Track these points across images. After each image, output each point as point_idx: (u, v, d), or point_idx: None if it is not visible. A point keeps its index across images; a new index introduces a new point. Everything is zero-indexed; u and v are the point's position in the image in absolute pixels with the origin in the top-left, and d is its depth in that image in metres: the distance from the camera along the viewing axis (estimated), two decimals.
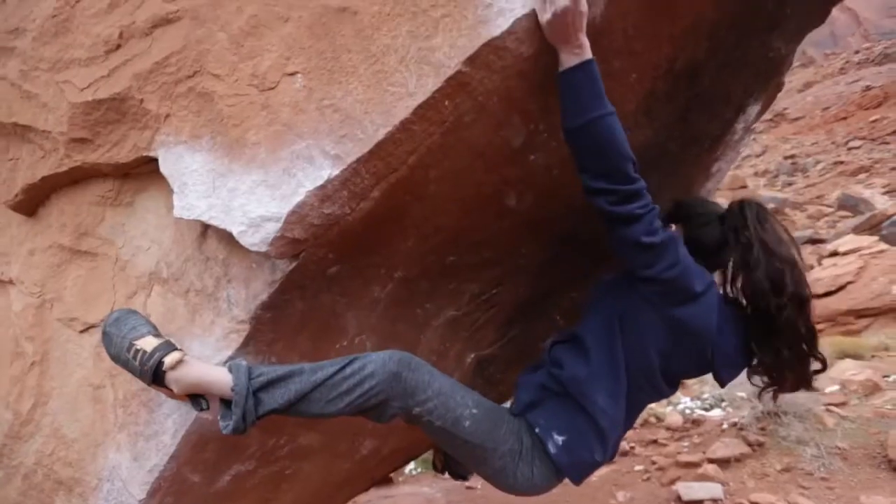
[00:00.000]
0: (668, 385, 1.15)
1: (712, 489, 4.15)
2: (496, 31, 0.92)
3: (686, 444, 5.17)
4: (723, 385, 1.22)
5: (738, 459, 4.48)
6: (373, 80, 0.97)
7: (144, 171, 1.19)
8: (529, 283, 1.55)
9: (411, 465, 5.75)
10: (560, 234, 1.45)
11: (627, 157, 0.97)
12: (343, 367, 0.99)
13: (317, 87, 1.00)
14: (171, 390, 0.99)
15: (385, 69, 0.97)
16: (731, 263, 1.15)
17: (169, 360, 0.97)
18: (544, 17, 0.90)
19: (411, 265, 1.27)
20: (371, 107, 0.96)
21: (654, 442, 5.41)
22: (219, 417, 0.99)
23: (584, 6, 0.89)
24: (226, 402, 0.97)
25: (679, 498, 4.23)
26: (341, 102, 0.98)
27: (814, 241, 11.07)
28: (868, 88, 22.11)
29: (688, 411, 5.94)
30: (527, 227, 1.36)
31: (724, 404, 5.75)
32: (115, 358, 1.01)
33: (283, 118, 1.00)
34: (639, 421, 6.28)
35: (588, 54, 0.93)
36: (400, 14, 0.97)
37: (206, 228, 1.12)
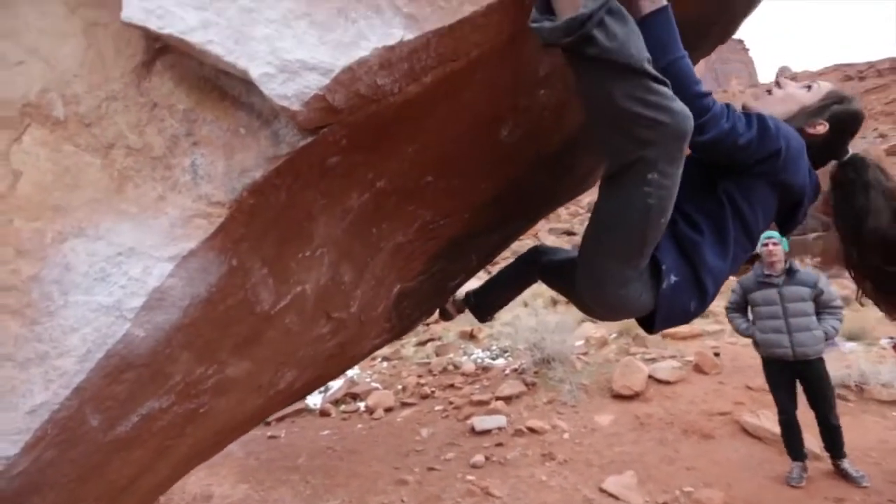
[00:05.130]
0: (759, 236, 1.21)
1: (498, 420, 5.05)
2: None
3: (478, 386, 6.07)
4: (802, 220, 1.25)
5: (518, 396, 5.55)
6: None
7: None
8: (468, 220, 1.55)
9: None
10: (513, 177, 1.49)
11: (701, 89, 0.98)
12: (664, 83, 0.84)
13: None
14: None
15: None
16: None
17: None
18: None
19: (396, 176, 1.12)
20: None
21: (452, 386, 6.17)
22: (534, 9, 0.81)
23: None
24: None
25: (473, 429, 4.99)
26: None
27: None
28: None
29: (479, 360, 6.94)
30: (498, 163, 1.35)
31: (506, 354, 6.93)
32: None
33: None
34: (437, 369, 7.01)
35: (664, 0, 0.96)
36: None
37: (154, 57, 0.75)
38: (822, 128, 1.18)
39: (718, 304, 8.68)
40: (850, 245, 1.20)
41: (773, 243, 3.37)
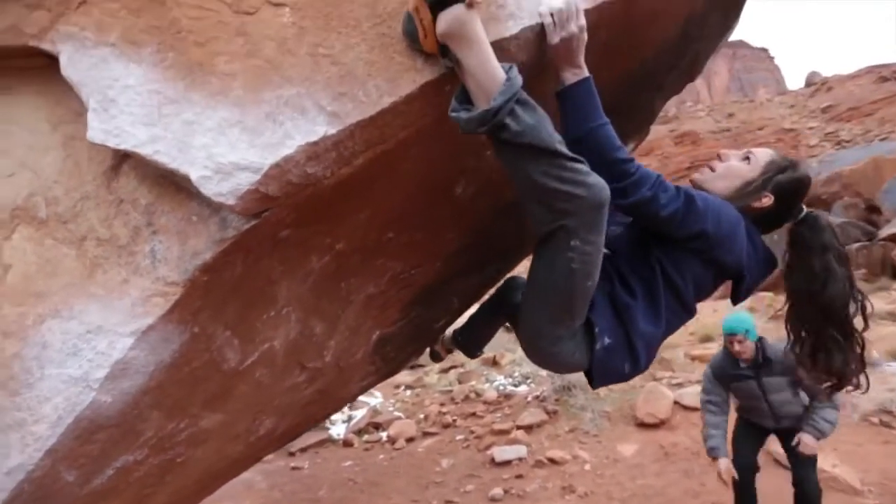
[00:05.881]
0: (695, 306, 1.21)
1: (519, 450, 4.99)
2: (506, 33, 0.97)
3: (499, 415, 6.02)
4: (747, 296, 1.26)
5: (539, 425, 5.48)
6: (377, 42, 0.91)
7: (19, 66, 0.86)
8: (440, 267, 1.63)
9: None
10: (477, 227, 1.57)
11: (623, 155, 1.03)
12: (575, 160, 0.90)
13: (310, 28, 0.89)
14: (431, 25, 0.83)
15: (391, 34, 0.92)
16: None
17: None
18: (554, 39, 0.98)
19: (354, 238, 1.22)
20: (375, 71, 0.90)
21: (473, 414, 6.15)
22: (454, 99, 0.89)
23: (585, 35, 1.01)
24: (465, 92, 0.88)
25: (493, 460, 4.95)
26: (341, 56, 0.89)
27: None
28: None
29: (501, 387, 6.89)
30: (458, 216, 1.44)
31: (528, 381, 6.85)
32: None
33: (266, 53, 0.86)
34: (460, 397, 6.99)
35: (586, 73, 1.03)
36: None
37: (119, 163, 0.88)
38: (767, 200, 1.18)
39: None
40: (798, 303, 1.21)
41: (737, 342, 2.66)
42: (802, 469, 2.74)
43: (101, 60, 0.81)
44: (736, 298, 1.25)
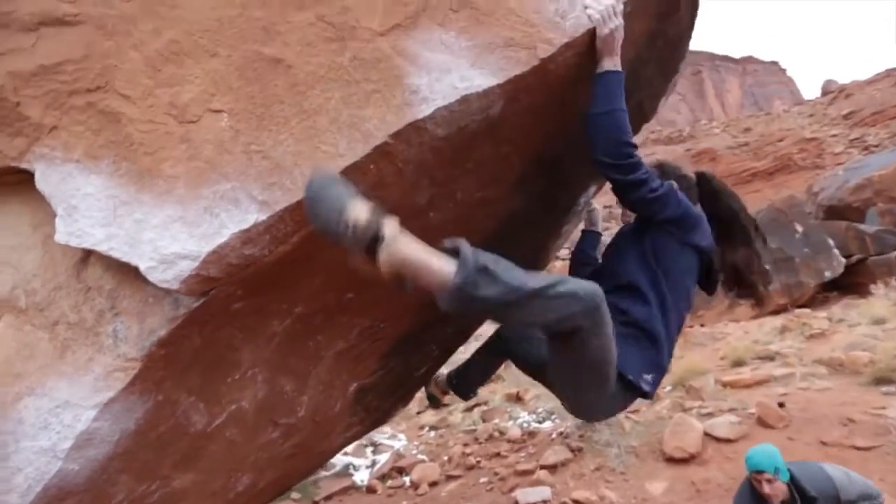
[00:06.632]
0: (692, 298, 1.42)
1: (542, 492, 4.84)
2: (419, 115, 1.09)
3: (523, 454, 5.88)
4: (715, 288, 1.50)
5: (563, 464, 5.31)
6: (304, 135, 1.05)
7: (4, 182, 1.03)
8: (411, 317, 1.72)
9: (292, 494, 5.35)
10: None
11: (632, 140, 1.22)
12: (553, 285, 0.97)
13: (245, 129, 1.03)
14: (376, 264, 0.90)
15: (317, 127, 1.05)
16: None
17: (388, 231, 0.90)
18: (603, 31, 1.14)
19: (312, 301, 1.32)
20: (301, 160, 1.03)
21: (497, 454, 6.03)
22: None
23: (622, 30, 1.17)
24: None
25: (517, 503, 4.81)
26: (272, 151, 1.02)
27: None
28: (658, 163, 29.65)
29: (525, 424, 6.75)
30: None
31: (553, 416, 6.69)
32: (324, 230, 0.91)
33: (205, 155, 1.00)
34: (483, 436, 6.88)
35: (620, 66, 1.20)
36: (334, 79, 1.07)
37: (88, 255, 1.03)
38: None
39: (785, 345, 7.92)
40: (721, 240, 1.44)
41: (766, 481, 2.33)
42: None
43: (68, 174, 0.97)
44: (709, 288, 1.48)
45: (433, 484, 5.95)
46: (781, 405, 5.65)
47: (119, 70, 1.00)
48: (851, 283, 11.13)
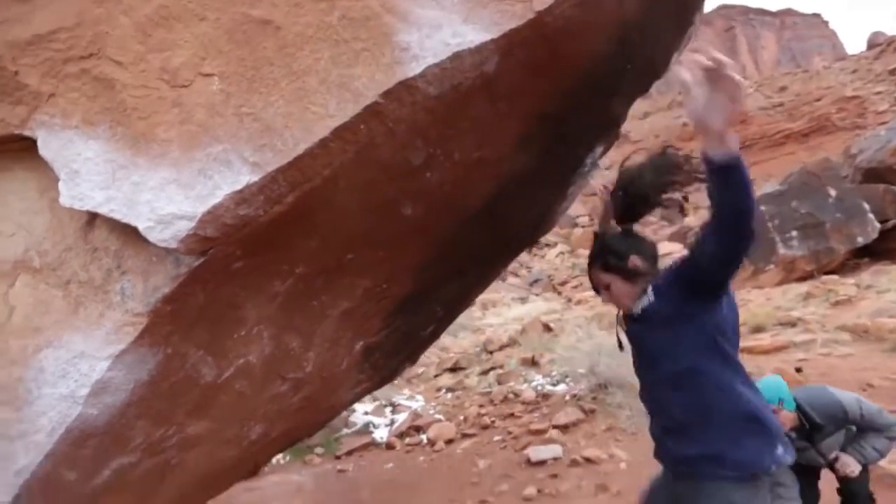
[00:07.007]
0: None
1: (554, 450, 5.00)
2: (410, 73, 1.08)
3: (537, 414, 6.04)
4: None
5: (575, 424, 5.45)
6: (294, 96, 1.05)
7: (9, 149, 1.07)
8: (415, 278, 1.75)
9: (316, 449, 5.66)
10: (445, 238, 1.67)
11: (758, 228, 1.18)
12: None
13: (235, 92, 1.04)
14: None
15: (306, 88, 1.06)
16: None
17: None
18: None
19: (312, 262, 1.36)
20: (292, 121, 1.04)
21: (512, 415, 6.21)
22: None
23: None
24: None
25: (528, 460, 4.99)
26: (262, 113, 1.04)
27: None
28: (685, 125, 27.69)
29: (539, 387, 6.90)
30: (417, 232, 1.55)
31: (567, 379, 6.82)
32: None
33: (197, 118, 1.02)
34: (498, 398, 7.06)
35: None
36: (323, 39, 1.06)
37: (93, 217, 1.08)
38: (635, 259, 1.46)
39: (808, 312, 7.76)
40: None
41: (772, 412, 2.31)
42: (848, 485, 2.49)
43: (68, 140, 1.01)
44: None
45: (449, 441, 6.19)
46: (799, 370, 5.61)
47: (110, 36, 1.02)
48: (885, 249, 10.69)
